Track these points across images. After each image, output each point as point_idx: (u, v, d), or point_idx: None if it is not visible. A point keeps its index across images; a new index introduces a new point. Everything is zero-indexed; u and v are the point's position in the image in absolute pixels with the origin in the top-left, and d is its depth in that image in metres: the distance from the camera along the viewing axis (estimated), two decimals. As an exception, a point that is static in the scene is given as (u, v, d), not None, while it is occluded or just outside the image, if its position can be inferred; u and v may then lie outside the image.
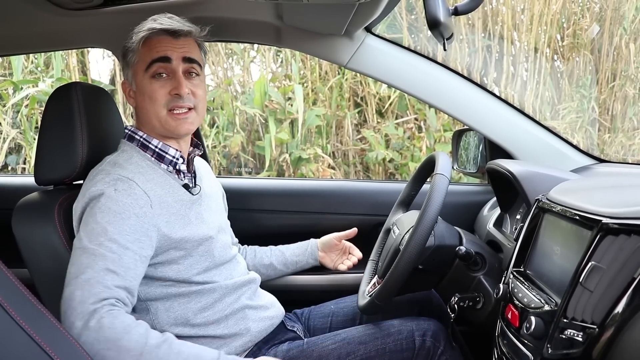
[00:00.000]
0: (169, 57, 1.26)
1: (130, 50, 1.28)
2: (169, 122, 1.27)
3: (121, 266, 1.11)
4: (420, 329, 1.30)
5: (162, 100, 1.26)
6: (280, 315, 1.42)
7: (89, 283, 1.07)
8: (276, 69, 4.45)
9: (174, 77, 1.27)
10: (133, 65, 1.28)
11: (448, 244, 1.31)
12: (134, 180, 1.19)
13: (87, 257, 1.09)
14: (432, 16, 1.00)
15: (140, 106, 1.29)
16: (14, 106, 4.01)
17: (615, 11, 4.09)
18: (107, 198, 1.15)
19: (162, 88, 1.26)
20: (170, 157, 1.29)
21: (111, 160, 1.26)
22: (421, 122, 4.19)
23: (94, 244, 1.11)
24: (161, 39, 1.27)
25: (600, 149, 4.04)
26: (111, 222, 1.12)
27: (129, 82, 1.32)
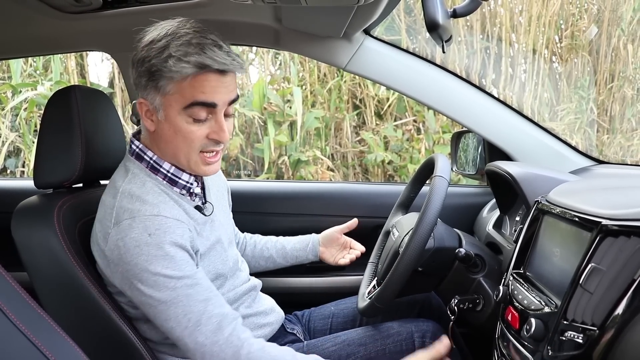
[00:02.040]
0: (216, 103, 1.11)
1: (165, 77, 1.08)
2: (199, 166, 1.17)
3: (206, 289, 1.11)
4: (420, 330, 1.30)
5: (199, 143, 1.14)
6: (279, 320, 1.42)
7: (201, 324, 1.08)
8: (275, 72, 4.46)
9: (215, 120, 1.13)
10: (166, 95, 1.10)
11: (448, 246, 1.31)
12: (161, 214, 1.10)
13: (176, 307, 1.08)
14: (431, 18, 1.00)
15: (167, 139, 1.15)
16: (13, 109, 4.00)
17: (613, 12, 4.10)
18: (146, 247, 1.07)
19: (199, 130, 1.13)
20: (183, 182, 1.21)
21: (125, 191, 1.14)
22: (420, 124, 4.19)
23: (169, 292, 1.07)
24: (209, 78, 1.09)
25: (599, 150, 4.05)
26: (167, 267, 1.08)
27: (152, 105, 1.13)
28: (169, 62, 1.07)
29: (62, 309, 1.23)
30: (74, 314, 1.23)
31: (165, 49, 1.08)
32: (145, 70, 1.11)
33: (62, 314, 1.20)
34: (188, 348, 1.09)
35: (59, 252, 1.21)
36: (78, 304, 1.21)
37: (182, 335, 1.08)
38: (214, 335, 1.07)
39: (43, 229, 1.22)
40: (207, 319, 1.08)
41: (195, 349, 1.08)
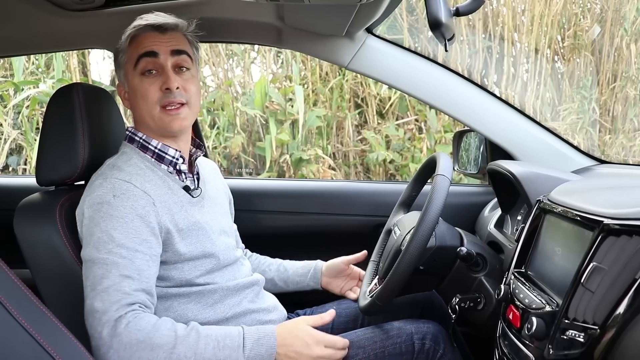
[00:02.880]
0: (155, 51, 1.25)
1: (120, 51, 1.29)
2: (162, 119, 1.26)
3: (135, 270, 1.12)
4: (420, 332, 1.29)
5: (154, 97, 1.25)
6: (282, 318, 1.42)
7: (107, 292, 1.08)
8: (277, 70, 4.46)
9: (163, 72, 1.25)
10: (124, 65, 1.28)
11: (449, 245, 1.31)
12: (131, 182, 1.18)
13: (99, 268, 1.10)
14: (434, 17, 1.00)
15: (134, 106, 1.29)
16: (15, 107, 4.01)
17: (616, 12, 4.09)
18: (107, 205, 1.14)
19: (152, 85, 1.25)
20: (170, 157, 1.29)
21: (110, 163, 1.25)
22: (422, 123, 4.19)
23: (104, 253, 1.11)
24: (147, 35, 1.26)
25: (601, 150, 4.04)
26: (116, 228, 1.12)
27: (122, 83, 1.31)
28: (121, 38, 1.28)
29: (64, 306, 1.23)
30: (75, 310, 1.23)
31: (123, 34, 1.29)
32: (114, 58, 1.33)
33: (64, 310, 1.20)
34: (86, 309, 1.10)
35: (61, 249, 1.21)
36: (80, 300, 1.21)
37: (89, 295, 1.10)
38: (111, 305, 1.07)
39: (45, 226, 1.23)
40: (114, 290, 1.09)
41: (89, 312, 1.09)
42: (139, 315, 1.08)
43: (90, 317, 1.09)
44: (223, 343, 1.11)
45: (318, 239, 1.88)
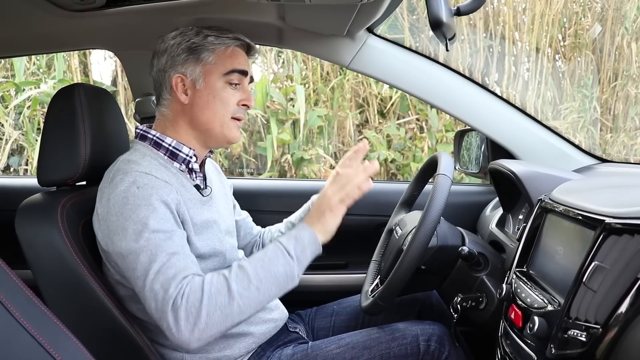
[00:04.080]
0: (247, 71, 1.32)
1: (207, 50, 1.28)
2: (231, 129, 1.30)
3: (178, 246, 1.13)
4: (425, 333, 1.30)
5: (232, 107, 1.29)
6: (283, 317, 1.42)
7: (161, 273, 1.09)
8: (278, 70, 4.46)
9: (243, 90, 1.32)
10: (207, 64, 1.28)
11: (451, 244, 1.31)
12: (152, 174, 1.18)
13: (144, 255, 1.10)
14: (435, 16, 1.00)
15: (204, 105, 1.28)
16: (16, 108, 4.01)
17: (617, 11, 4.09)
18: (133, 197, 1.14)
19: (233, 96, 1.29)
20: (183, 155, 1.28)
21: (124, 159, 1.24)
22: (423, 122, 4.19)
23: (144, 242, 1.11)
24: (241, 53, 1.32)
25: (602, 149, 4.04)
26: (147, 217, 1.12)
27: (190, 77, 1.28)
28: (209, 38, 1.28)
29: (66, 307, 1.23)
30: (77, 311, 1.23)
31: (200, 32, 1.29)
32: (185, 48, 1.28)
33: (65, 311, 1.20)
34: (145, 298, 1.10)
35: (63, 250, 1.21)
36: (81, 301, 1.22)
37: (144, 284, 1.09)
38: (168, 283, 1.08)
39: (47, 226, 1.22)
40: (167, 268, 1.09)
41: (150, 298, 1.09)
42: (190, 281, 1.09)
43: (152, 302, 1.08)
44: (267, 258, 1.14)
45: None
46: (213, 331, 1.07)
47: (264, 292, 1.11)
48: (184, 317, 1.05)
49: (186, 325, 1.05)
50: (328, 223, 1.21)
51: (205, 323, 1.06)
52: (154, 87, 1.35)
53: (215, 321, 1.06)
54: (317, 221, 1.21)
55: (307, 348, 1.32)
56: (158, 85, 1.33)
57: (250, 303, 1.10)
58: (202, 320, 1.05)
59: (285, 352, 1.32)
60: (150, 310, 1.09)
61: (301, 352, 1.31)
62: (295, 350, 1.32)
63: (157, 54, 1.31)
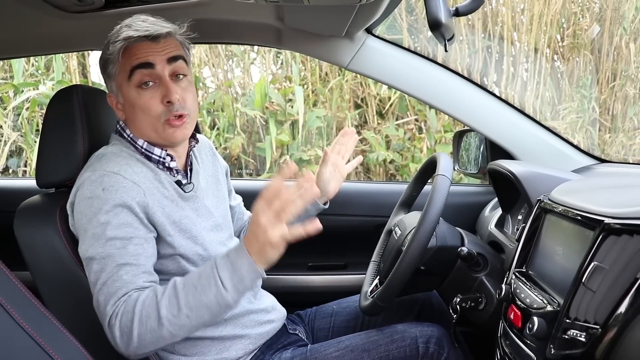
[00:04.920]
0: (151, 62, 1.18)
1: (110, 62, 1.21)
2: (166, 131, 1.21)
3: (130, 256, 1.11)
4: (424, 335, 1.29)
5: (157, 110, 1.19)
6: (281, 318, 1.41)
7: (106, 285, 1.09)
8: (276, 71, 4.46)
9: (161, 83, 1.19)
10: (115, 77, 1.22)
11: (450, 245, 1.31)
12: (120, 174, 1.15)
13: (97, 263, 1.11)
14: (434, 17, 1.00)
15: (132, 118, 1.23)
16: (15, 109, 4.01)
17: (615, 11, 4.09)
18: (97, 199, 1.12)
19: (152, 98, 1.19)
20: (156, 157, 1.24)
21: (99, 153, 1.23)
22: (421, 123, 4.19)
23: (99, 248, 1.11)
24: (140, 45, 1.18)
25: (601, 149, 4.04)
26: (107, 222, 1.11)
27: (114, 94, 1.25)
28: (109, 48, 1.19)
29: (65, 308, 1.23)
30: (76, 312, 1.23)
31: (108, 41, 1.21)
32: (102, 67, 1.25)
33: (64, 312, 1.20)
34: (94, 304, 1.11)
35: (61, 251, 1.21)
36: (80, 302, 1.22)
37: (94, 291, 1.11)
38: (109, 298, 1.08)
39: (45, 228, 1.22)
40: (113, 281, 1.09)
41: (96, 307, 1.11)
42: (127, 299, 1.08)
43: (98, 311, 1.11)
44: (200, 285, 1.06)
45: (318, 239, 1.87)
46: (148, 349, 1.09)
47: (195, 319, 1.07)
48: (118, 335, 1.07)
49: (121, 342, 1.07)
50: (267, 255, 1.06)
51: (137, 343, 1.06)
52: None
53: (147, 342, 1.07)
54: (257, 252, 1.06)
55: (305, 351, 1.31)
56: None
57: (182, 329, 1.08)
58: (134, 340, 1.06)
59: (285, 356, 1.31)
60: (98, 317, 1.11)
61: (300, 355, 1.30)
62: (294, 354, 1.31)
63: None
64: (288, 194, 1.05)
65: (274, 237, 1.04)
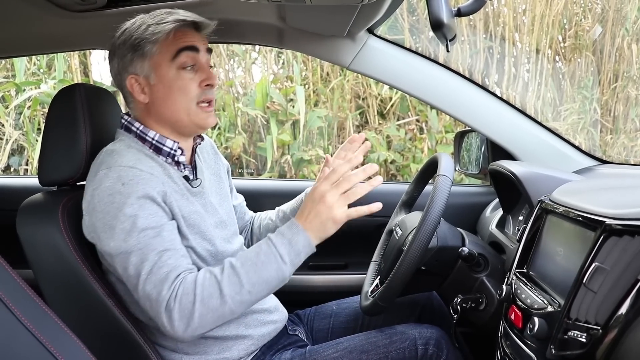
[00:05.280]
0: (197, 47, 1.24)
1: (149, 42, 1.21)
2: (199, 116, 1.25)
3: (168, 242, 1.13)
4: (423, 337, 1.29)
5: (194, 92, 1.23)
6: (283, 319, 1.41)
7: (152, 273, 1.09)
8: (278, 71, 4.46)
9: (201, 68, 1.24)
10: (153, 56, 1.22)
11: (451, 245, 1.31)
12: (136, 167, 1.15)
13: (135, 255, 1.10)
14: (436, 17, 1.00)
15: (163, 100, 1.23)
16: (17, 108, 4.01)
17: (617, 12, 4.09)
18: (119, 195, 1.12)
19: (191, 80, 1.23)
20: (167, 149, 1.25)
21: (108, 149, 1.22)
22: (423, 123, 4.19)
23: (133, 241, 1.10)
24: (187, 31, 1.24)
25: (602, 150, 4.04)
26: (135, 215, 1.11)
27: (142, 75, 1.23)
28: (149, 29, 1.21)
29: (67, 306, 1.23)
30: (78, 311, 1.23)
31: (142, 24, 1.22)
32: (129, 47, 1.23)
33: (66, 311, 1.20)
34: (139, 297, 1.11)
35: (64, 250, 1.21)
36: (82, 301, 1.22)
37: (137, 284, 1.10)
38: (161, 285, 1.09)
39: (48, 226, 1.23)
40: (159, 268, 1.09)
41: (144, 298, 1.10)
42: (182, 282, 1.09)
43: (147, 302, 1.10)
44: (260, 262, 1.12)
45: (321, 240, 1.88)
46: (206, 329, 1.10)
47: (256, 294, 1.12)
48: (177, 317, 1.07)
49: (179, 324, 1.08)
50: (327, 230, 1.15)
51: (198, 323, 1.08)
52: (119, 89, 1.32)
53: (208, 322, 1.09)
54: (317, 228, 1.14)
55: (304, 352, 1.31)
56: (120, 89, 1.30)
57: (242, 305, 1.11)
58: (195, 321, 1.08)
59: (284, 357, 1.31)
60: (145, 308, 1.11)
61: (299, 356, 1.30)
62: (293, 355, 1.31)
63: (109, 57, 1.29)
64: (356, 178, 1.15)
65: (339, 215, 1.14)
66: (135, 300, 1.18)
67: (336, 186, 1.14)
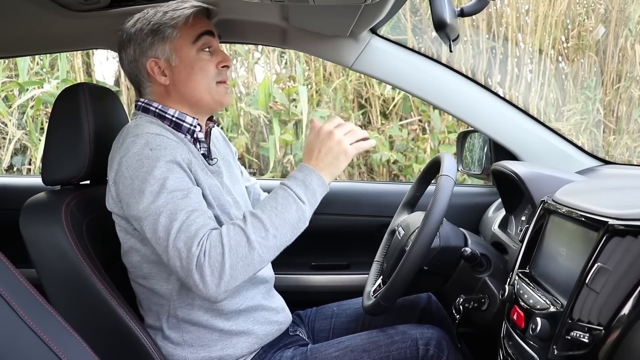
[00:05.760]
0: (213, 32, 1.32)
1: (169, 26, 1.27)
2: (219, 92, 1.31)
3: (196, 203, 1.14)
4: (424, 337, 1.29)
5: (212, 72, 1.30)
6: (287, 321, 1.42)
7: (182, 231, 1.10)
8: (280, 71, 4.46)
9: (217, 51, 1.32)
10: (174, 40, 1.27)
11: (453, 245, 1.31)
12: (162, 135, 1.19)
13: (164, 216, 1.11)
14: (439, 17, 1.00)
15: (185, 80, 1.29)
16: (20, 107, 4.02)
17: (621, 12, 4.08)
18: (147, 159, 1.14)
19: (210, 62, 1.30)
20: (187, 125, 1.29)
21: (131, 124, 1.25)
22: (425, 123, 4.19)
23: (162, 202, 1.11)
24: (201, 18, 1.32)
25: (605, 151, 4.03)
26: (164, 177, 1.13)
27: (163, 57, 1.28)
28: (168, 14, 1.27)
29: (70, 306, 1.24)
30: (81, 310, 1.24)
31: (157, 12, 1.28)
32: (148, 32, 1.28)
33: (69, 310, 1.21)
34: (169, 259, 1.11)
35: (67, 249, 1.22)
36: (85, 300, 1.22)
37: (167, 244, 1.10)
38: (190, 241, 1.09)
39: (51, 225, 1.23)
40: (188, 226, 1.10)
41: (174, 258, 1.10)
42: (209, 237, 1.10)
43: (177, 262, 1.09)
44: (280, 205, 1.14)
45: (322, 239, 1.88)
46: (238, 281, 1.10)
47: (281, 238, 1.13)
48: (209, 272, 1.07)
49: (212, 279, 1.07)
50: (339, 165, 1.20)
51: (229, 275, 1.08)
52: (130, 80, 1.35)
53: (239, 272, 1.09)
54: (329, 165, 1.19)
55: (306, 351, 1.32)
56: (134, 76, 1.33)
57: (270, 250, 1.12)
58: (226, 273, 1.08)
59: (286, 355, 1.32)
60: (176, 269, 1.11)
61: (300, 355, 1.31)
62: (295, 353, 1.32)
63: (122, 46, 1.32)
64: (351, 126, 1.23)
65: (350, 148, 1.19)
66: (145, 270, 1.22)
67: (339, 126, 1.21)
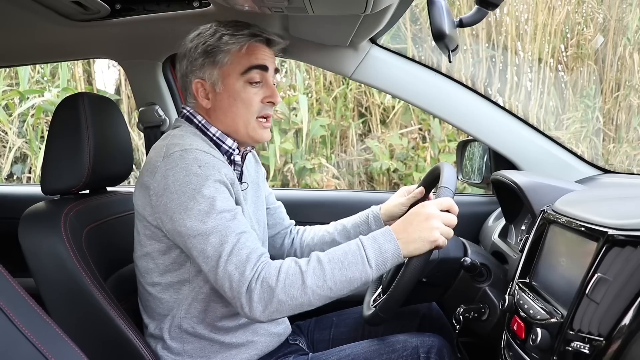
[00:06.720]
0: (267, 66, 1.27)
1: (222, 51, 1.24)
2: (256, 130, 1.28)
3: (243, 224, 1.14)
4: (425, 345, 1.28)
5: (256, 107, 1.27)
6: (287, 332, 1.41)
7: (233, 254, 1.10)
8: (281, 79, 4.47)
9: (266, 85, 1.28)
10: (223, 66, 1.25)
11: (453, 256, 1.31)
12: (210, 153, 1.18)
13: (214, 237, 1.11)
14: (438, 28, 1.00)
15: (225, 109, 1.27)
16: (20, 116, 4.03)
17: (619, 21, 4.10)
18: (196, 176, 1.13)
19: (256, 95, 1.27)
20: (226, 147, 1.28)
21: (176, 134, 1.23)
22: (425, 132, 4.19)
23: (212, 222, 1.11)
24: (260, 47, 1.28)
25: (604, 159, 4.03)
26: (212, 196, 1.12)
27: (209, 81, 1.26)
28: (223, 38, 1.24)
29: (68, 315, 1.23)
30: (79, 320, 1.23)
31: (216, 32, 1.25)
32: (201, 52, 1.26)
33: (67, 320, 1.20)
34: (217, 278, 1.11)
35: (66, 259, 1.21)
36: (84, 310, 1.22)
37: (217, 265, 1.10)
38: (243, 266, 1.09)
39: (50, 235, 1.23)
40: (239, 249, 1.10)
41: (223, 279, 1.10)
42: (265, 265, 1.10)
43: (227, 283, 1.10)
44: (347, 262, 1.12)
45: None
46: (283, 314, 1.11)
47: (336, 291, 1.12)
48: (257, 299, 1.08)
49: (258, 306, 1.08)
50: (420, 248, 1.14)
51: (275, 308, 1.09)
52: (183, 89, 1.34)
53: (286, 307, 1.09)
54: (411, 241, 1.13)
55: (307, 359, 1.31)
56: (184, 89, 1.33)
57: (321, 299, 1.12)
58: (273, 305, 1.08)
59: None
60: (223, 289, 1.11)
61: None
62: None
63: (179, 58, 1.31)
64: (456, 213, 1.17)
65: (439, 239, 1.13)
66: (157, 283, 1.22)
67: (443, 215, 1.15)
